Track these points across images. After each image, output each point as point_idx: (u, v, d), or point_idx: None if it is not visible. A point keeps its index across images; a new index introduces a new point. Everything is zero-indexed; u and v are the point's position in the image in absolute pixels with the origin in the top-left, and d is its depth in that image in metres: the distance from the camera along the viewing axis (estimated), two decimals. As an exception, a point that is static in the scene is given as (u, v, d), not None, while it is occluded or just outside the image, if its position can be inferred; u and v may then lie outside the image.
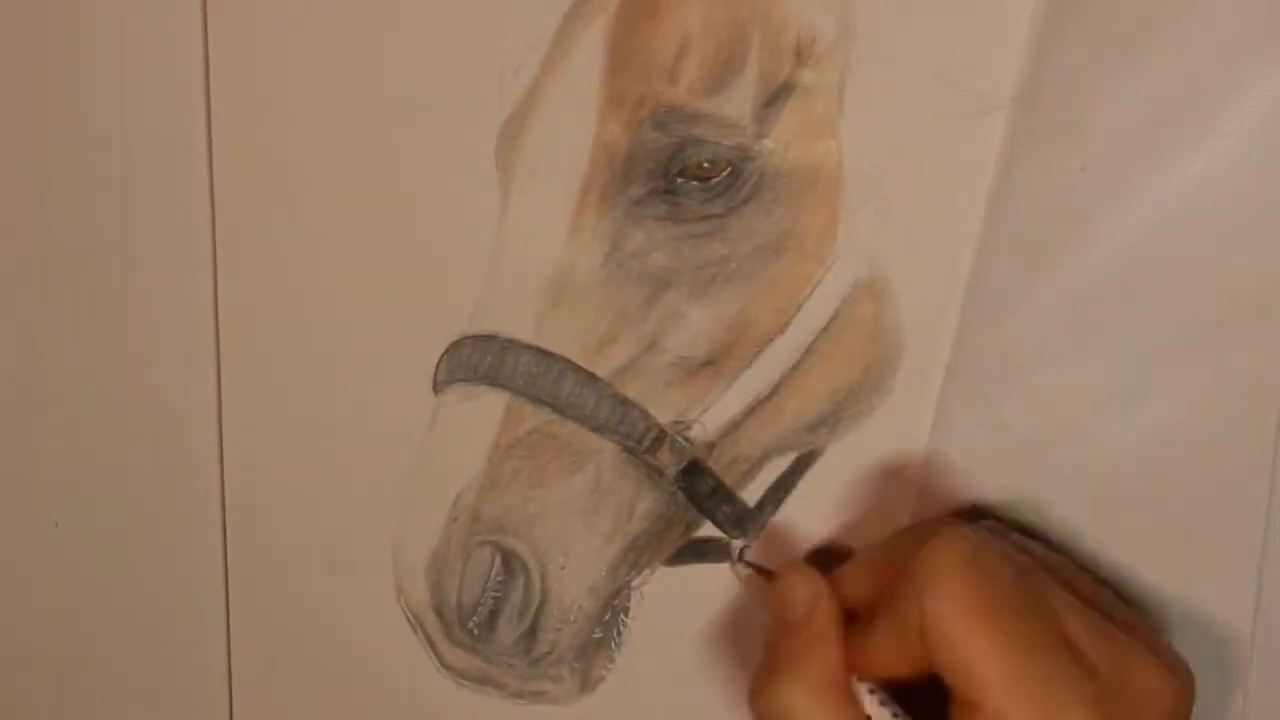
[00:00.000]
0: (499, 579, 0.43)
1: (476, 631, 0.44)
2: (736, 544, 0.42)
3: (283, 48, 0.41)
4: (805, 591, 0.37)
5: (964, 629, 0.32)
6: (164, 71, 0.42)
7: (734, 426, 0.41)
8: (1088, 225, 0.35)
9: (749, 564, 0.42)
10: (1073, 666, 0.32)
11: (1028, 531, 0.38)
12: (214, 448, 0.47)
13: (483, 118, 0.40)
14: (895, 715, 0.35)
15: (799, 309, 0.39)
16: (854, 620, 0.37)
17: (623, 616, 0.44)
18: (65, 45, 0.43)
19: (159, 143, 0.44)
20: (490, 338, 0.42)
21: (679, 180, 0.38)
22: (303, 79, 0.41)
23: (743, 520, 0.42)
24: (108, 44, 0.43)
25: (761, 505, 0.42)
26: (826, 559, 0.41)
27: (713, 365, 0.40)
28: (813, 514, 0.42)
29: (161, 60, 0.42)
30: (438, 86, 0.40)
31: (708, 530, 0.43)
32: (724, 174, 0.38)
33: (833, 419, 0.41)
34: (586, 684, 0.45)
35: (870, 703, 0.35)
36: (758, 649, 0.38)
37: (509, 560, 0.43)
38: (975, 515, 0.39)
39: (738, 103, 0.37)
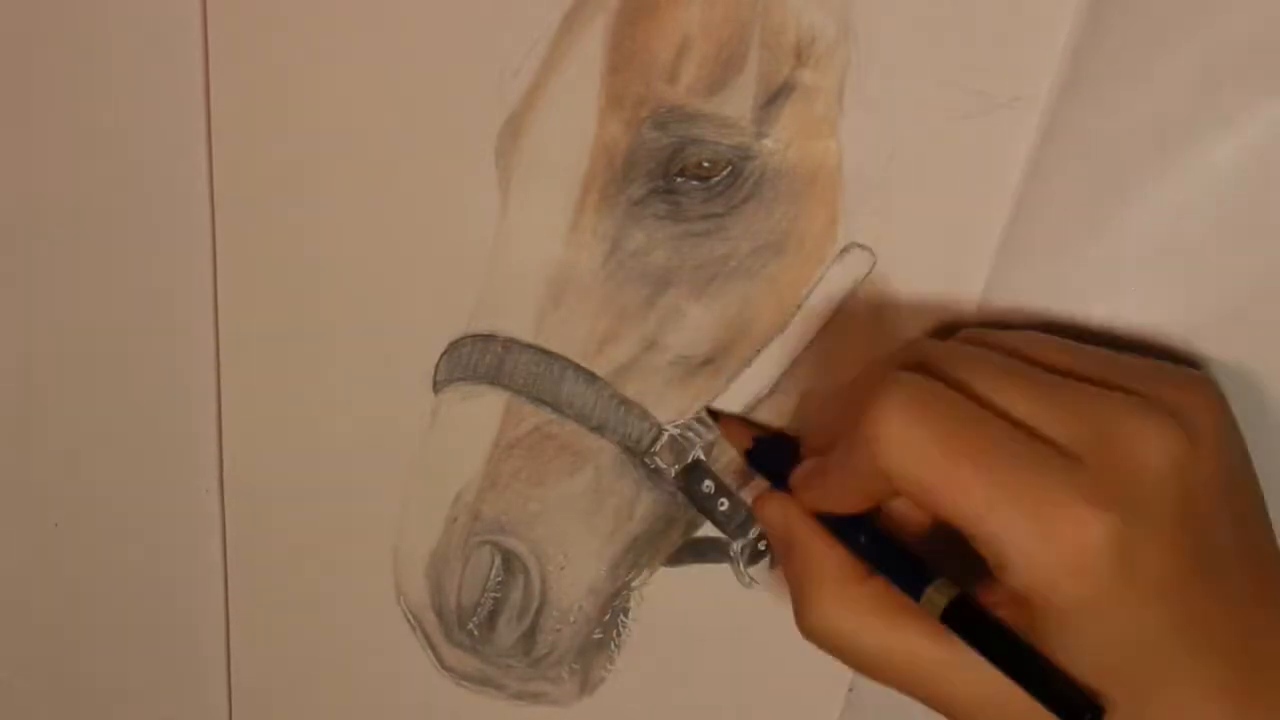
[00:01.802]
0: (499, 579, 0.43)
1: (476, 632, 0.44)
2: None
3: (283, 48, 0.41)
4: (771, 514, 0.37)
5: (927, 478, 0.31)
6: (164, 71, 0.42)
7: (734, 426, 0.41)
8: (1129, 192, 0.35)
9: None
10: (1050, 462, 0.31)
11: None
12: (214, 447, 0.47)
13: (483, 118, 0.40)
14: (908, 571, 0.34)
15: (799, 308, 0.39)
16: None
17: (623, 617, 0.44)
18: (65, 45, 0.43)
19: (159, 143, 0.44)
20: (490, 337, 0.41)
21: (679, 180, 0.38)
22: (302, 79, 0.41)
23: (743, 520, 0.42)
24: (108, 44, 0.43)
25: (761, 505, 0.42)
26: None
27: (713, 364, 0.40)
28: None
29: (161, 60, 0.42)
30: (438, 86, 0.40)
31: (708, 530, 0.43)
32: (724, 173, 0.38)
33: (833, 419, 0.41)
34: (586, 685, 0.45)
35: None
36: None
37: (509, 560, 0.43)
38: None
39: (738, 102, 0.37)
